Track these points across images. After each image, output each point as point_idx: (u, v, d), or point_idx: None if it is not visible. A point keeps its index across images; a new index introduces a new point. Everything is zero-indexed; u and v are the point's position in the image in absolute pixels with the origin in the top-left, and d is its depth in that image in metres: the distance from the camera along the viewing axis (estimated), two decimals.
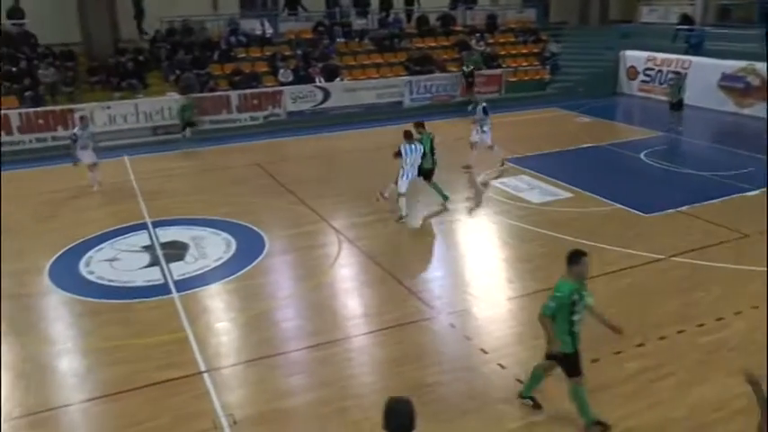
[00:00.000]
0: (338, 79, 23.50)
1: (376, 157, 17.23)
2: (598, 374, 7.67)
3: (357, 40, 26.36)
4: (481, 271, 10.84)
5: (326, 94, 22.86)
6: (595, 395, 7.26)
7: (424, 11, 28.58)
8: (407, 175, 12.57)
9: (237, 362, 8.22)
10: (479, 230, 12.59)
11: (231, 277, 10.54)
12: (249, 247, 11.66)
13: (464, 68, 24.50)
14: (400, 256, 11.29)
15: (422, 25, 27.88)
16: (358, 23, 26.86)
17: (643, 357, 8.09)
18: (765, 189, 13.65)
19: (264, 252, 11.51)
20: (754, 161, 16.23)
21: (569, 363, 6.58)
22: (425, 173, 13.17)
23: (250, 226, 12.67)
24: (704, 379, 7.65)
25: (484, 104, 16.24)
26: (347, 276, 10.68)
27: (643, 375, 7.72)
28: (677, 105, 20.23)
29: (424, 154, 12.83)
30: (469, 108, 16.97)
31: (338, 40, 25.91)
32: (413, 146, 12.55)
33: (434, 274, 10.74)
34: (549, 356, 6.70)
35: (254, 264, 11.03)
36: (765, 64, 21.27)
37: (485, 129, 15.94)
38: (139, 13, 24.76)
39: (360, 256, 11.34)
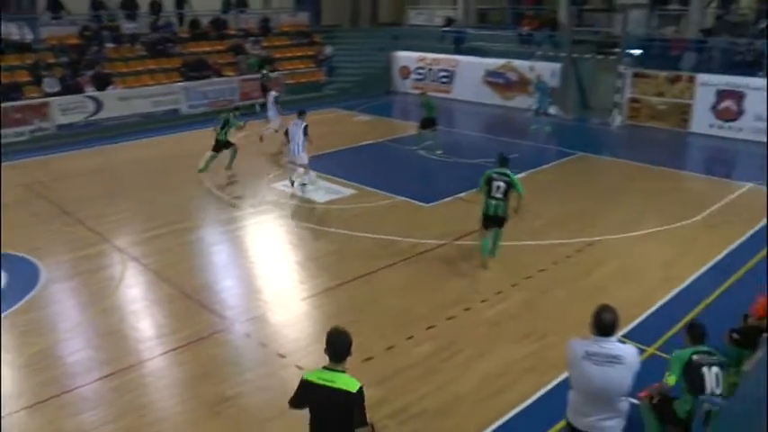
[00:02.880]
0: (110, 88, 22.28)
1: (156, 167, 16.74)
2: (392, 360, 8.15)
3: (128, 45, 25.05)
4: (272, 275, 11.00)
5: (99, 104, 21.62)
6: (389, 382, 7.71)
7: (196, 14, 27.82)
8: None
9: (18, 408, 7.45)
10: (267, 234, 12.72)
11: (3, 314, 9.56)
12: (22, 279, 10.72)
13: (264, 72, 24.68)
14: (188, 270, 11.05)
15: (194, 29, 27.26)
16: (127, 27, 25.45)
17: (434, 339, 8.71)
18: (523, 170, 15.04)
19: (40, 282, 10.68)
20: (518, 147, 18.14)
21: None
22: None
23: (22, 255, 11.65)
24: (490, 349, 8.43)
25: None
26: (135, 297, 10.25)
27: (435, 356, 8.30)
28: (429, 124, 18.12)
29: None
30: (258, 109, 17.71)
31: (107, 45, 24.46)
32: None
33: (225, 284, 10.67)
34: None
35: (28, 296, 10.18)
36: (522, 62, 24.28)
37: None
38: None
39: (146, 274, 10.97)
